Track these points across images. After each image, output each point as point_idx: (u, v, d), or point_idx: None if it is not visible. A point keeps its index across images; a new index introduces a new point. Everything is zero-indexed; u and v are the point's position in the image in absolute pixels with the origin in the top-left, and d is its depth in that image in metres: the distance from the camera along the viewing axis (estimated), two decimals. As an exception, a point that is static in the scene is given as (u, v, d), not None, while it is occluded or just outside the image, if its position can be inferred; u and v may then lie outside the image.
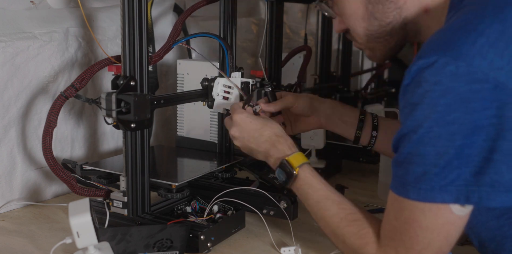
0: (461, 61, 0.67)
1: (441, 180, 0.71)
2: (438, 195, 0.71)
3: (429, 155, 0.71)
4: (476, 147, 0.69)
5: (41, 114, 1.30)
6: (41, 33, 1.29)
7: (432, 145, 0.70)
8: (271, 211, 1.16)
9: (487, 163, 0.69)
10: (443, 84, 0.68)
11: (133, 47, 1.05)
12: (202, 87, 1.23)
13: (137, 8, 1.03)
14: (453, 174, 0.70)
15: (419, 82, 0.70)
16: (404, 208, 0.76)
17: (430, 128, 0.70)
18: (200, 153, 1.42)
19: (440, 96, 0.69)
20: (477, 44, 0.68)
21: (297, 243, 1.07)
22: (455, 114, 0.68)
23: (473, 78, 0.67)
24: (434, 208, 0.73)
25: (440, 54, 0.69)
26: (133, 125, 1.04)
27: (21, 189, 1.29)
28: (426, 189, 0.72)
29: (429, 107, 0.70)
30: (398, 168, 0.76)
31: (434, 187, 0.71)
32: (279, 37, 1.51)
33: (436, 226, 0.74)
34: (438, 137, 0.70)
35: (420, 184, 0.72)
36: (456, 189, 0.71)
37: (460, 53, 0.68)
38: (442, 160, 0.70)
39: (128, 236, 1.01)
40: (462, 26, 0.72)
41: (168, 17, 1.65)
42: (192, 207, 1.20)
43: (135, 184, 1.09)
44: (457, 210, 0.73)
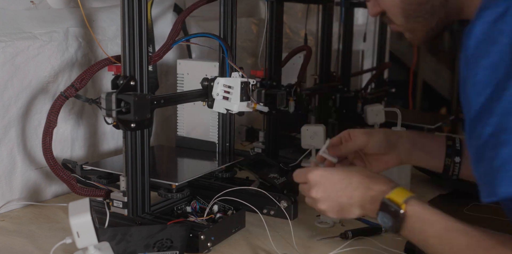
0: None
1: None
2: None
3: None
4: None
5: (41, 114, 1.30)
6: (41, 33, 1.29)
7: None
8: (271, 211, 1.16)
9: None
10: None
11: (133, 47, 1.05)
12: (202, 87, 1.23)
13: (137, 8, 1.03)
14: None
15: (492, 38, 0.60)
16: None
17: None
18: (200, 153, 1.42)
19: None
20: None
21: None
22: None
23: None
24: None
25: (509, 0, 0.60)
26: (133, 125, 1.04)
27: (21, 189, 1.29)
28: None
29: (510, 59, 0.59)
30: (477, 166, 0.64)
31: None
32: (279, 37, 1.51)
33: None
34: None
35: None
36: None
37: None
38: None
39: (128, 236, 1.01)
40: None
41: (168, 17, 1.65)
42: (192, 207, 1.20)
43: (135, 184, 1.09)
44: None
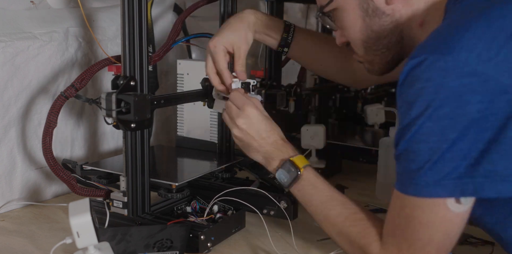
0: (449, 56, 0.69)
1: (435, 174, 0.72)
2: (433, 189, 0.72)
3: (422, 150, 0.72)
4: (468, 139, 0.70)
5: (41, 114, 1.30)
6: (41, 33, 1.29)
7: (425, 141, 0.72)
8: (271, 211, 1.16)
9: (480, 154, 0.70)
10: (434, 80, 0.69)
11: (133, 47, 1.05)
12: (202, 87, 1.23)
13: (137, 8, 1.03)
14: (446, 168, 0.71)
15: (411, 82, 0.72)
16: (404, 205, 0.76)
17: (423, 123, 0.71)
18: (200, 153, 1.42)
19: (433, 92, 0.70)
20: (463, 39, 0.69)
21: None
22: (447, 109, 0.69)
23: (462, 72, 0.68)
24: (431, 203, 0.74)
25: (428, 52, 0.71)
26: (133, 125, 1.04)
27: (21, 189, 1.29)
28: (421, 185, 0.73)
29: (423, 104, 0.71)
30: (397, 165, 0.77)
31: (429, 182, 0.72)
32: (279, 37, 1.51)
33: (434, 222, 0.75)
34: (431, 133, 0.71)
35: (416, 179, 0.73)
36: (451, 183, 0.71)
37: (447, 49, 0.69)
38: (435, 155, 0.71)
39: (128, 236, 1.01)
40: (449, 25, 0.75)
41: (168, 17, 1.65)
42: (192, 207, 1.20)
43: (135, 184, 1.09)
44: (454, 207, 0.73)
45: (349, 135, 1.93)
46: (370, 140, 1.86)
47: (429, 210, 0.74)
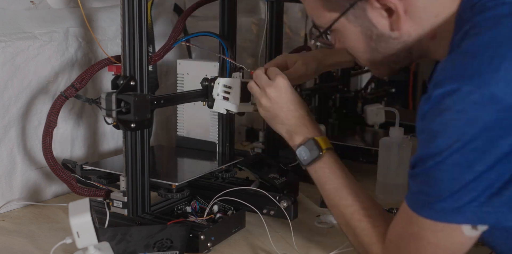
0: (486, 89, 0.65)
1: (455, 202, 0.69)
2: (450, 216, 0.70)
3: (445, 180, 0.70)
4: (495, 171, 0.67)
5: (41, 114, 1.30)
6: (41, 33, 1.29)
7: (448, 172, 0.69)
8: (271, 211, 1.16)
9: (505, 184, 0.68)
10: (468, 113, 0.66)
11: (133, 47, 1.05)
12: (202, 87, 1.23)
13: (137, 8, 1.03)
14: (467, 197, 0.69)
15: (440, 110, 0.68)
16: (414, 223, 0.74)
17: (451, 155, 0.68)
18: (200, 153, 1.42)
19: (465, 125, 0.67)
20: (501, 70, 0.66)
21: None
22: (477, 143, 0.67)
23: (499, 107, 0.65)
24: (445, 228, 0.72)
25: (462, 82, 0.67)
26: (133, 125, 1.04)
27: (21, 189, 1.29)
28: (438, 210, 0.71)
29: (453, 136, 0.68)
30: (412, 183, 0.74)
31: (446, 208, 0.70)
32: (279, 37, 1.51)
33: (444, 244, 0.73)
34: (456, 164, 0.68)
35: (433, 204, 0.71)
36: (471, 211, 0.69)
37: (484, 81, 0.66)
38: (458, 185, 0.69)
39: (128, 236, 1.01)
40: (481, 50, 0.69)
41: (168, 17, 1.65)
42: (192, 207, 1.20)
43: (135, 184, 1.09)
44: (468, 232, 0.71)
45: (349, 135, 1.93)
46: (370, 140, 1.86)
47: (441, 234, 0.72)
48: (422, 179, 0.72)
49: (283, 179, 1.28)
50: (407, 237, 0.76)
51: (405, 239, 0.77)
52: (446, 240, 0.73)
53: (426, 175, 0.72)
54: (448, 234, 0.72)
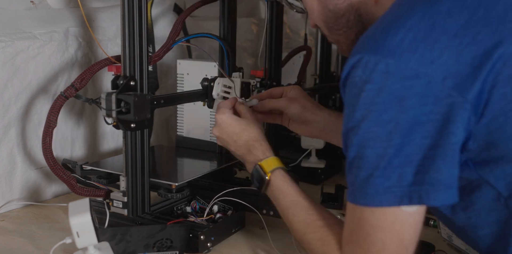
0: (390, 58, 0.67)
1: (384, 181, 0.69)
2: (383, 197, 0.70)
3: (370, 157, 0.70)
4: (415, 144, 0.68)
5: (41, 114, 1.30)
6: (41, 33, 1.29)
7: (372, 147, 0.69)
8: (271, 211, 1.16)
9: (427, 160, 0.68)
10: (375, 82, 0.68)
11: (133, 47, 1.05)
12: (202, 87, 1.23)
13: (137, 8, 1.03)
14: (395, 174, 0.69)
15: (353, 82, 0.70)
16: (356, 215, 0.75)
17: (368, 128, 0.69)
18: (200, 153, 1.42)
19: (374, 95, 0.68)
20: (406, 40, 0.67)
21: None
22: (391, 113, 0.68)
23: (404, 75, 0.66)
24: (382, 209, 0.72)
25: (369, 53, 0.69)
26: (133, 125, 1.04)
27: (21, 189, 1.29)
28: (371, 194, 0.71)
29: (365, 107, 0.69)
30: (348, 174, 0.75)
31: (379, 190, 0.70)
32: (279, 37, 1.51)
33: (386, 224, 0.72)
34: (377, 138, 0.69)
35: (366, 188, 0.71)
36: (400, 190, 0.69)
37: (389, 50, 0.67)
38: (382, 161, 0.69)
39: (128, 236, 1.01)
40: (392, 22, 0.71)
41: (168, 17, 1.65)
42: (192, 207, 1.20)
43: (135, 184, 1.09)
44: (405, 207, 0.71)
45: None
46: (370, 140, 1.86)
47: (380, 213, 0.72)
48: (353, 163, 0.72)
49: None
50: (355, 231, 0.76)
51: (353, 231, 0.76)
52: (386, 218, 0.72)
53: (354, 157, 0.72)
54: (386, 212, 0.72)
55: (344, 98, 0.73)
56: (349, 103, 0.72)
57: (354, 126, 0.71)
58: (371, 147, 0.70)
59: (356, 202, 0.74)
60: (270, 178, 0.94)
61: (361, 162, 0.71)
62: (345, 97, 0.73)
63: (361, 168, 0.71)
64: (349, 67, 0.71)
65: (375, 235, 0.73)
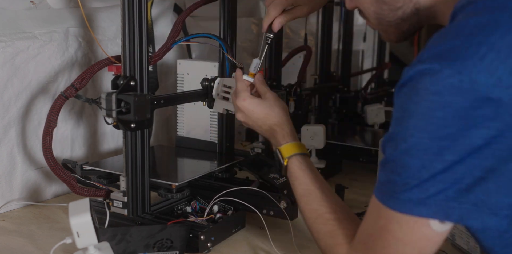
0: (466, 75, 0.63)
1: (421, 192, 0.68)
2: (415, 208, 0.69)
3: (413, 167, 0.68)
4: (466, 165, 0.65)
5: (41, 114, 1.30)
6: (41, 33, 1.29)
7: (418, 158, 0.67)
8: (271, 211, 1.16)
9: (477, 181, 0.66)
10: (443, 96, 0.64)
11: (133, 47, 1.05)
12: (202, 87, 1.23)
13: (137, 8, 1.03)
14: (434, 188, 0.67)
15: (416, 89, 0.67)
16: (381, 216, 0.73)
17: (421, 139, 0.67)
18: (200, 153, 1.42)
19: (437, 108, 0.65)
20: (486, 59, 0.63)
21: None
22: (450, 130, 0.65)
23: (476, 96, 0.63)
24: (411, 221, 0.70)
25: (444, 64, 0.65)
26: (133, 125, 1.04)
27: (21, 189, 1.29)
28: (404, 200, 0.69)
29: (423, 118, 0.66)
30: (382, 173, 0.73)
31: (413, 199, 0.68)
32: (279, 37, 1.51)
33: (410, 239, 0.71)
34: (426, 150, 0.67)
35: (399, 194, 0.69)
36: (436, 204, 0.67)
37: (466, 67, 0.63)
38: (426, 173, 0.67)
39: (128, 236, 1.01)
40: (472, 34, 0.66)
41: (168, 17, 1.65)
42: (192, 207, 1.20)
43: (135, 184, 1.09)
44: (436, 226, 0.70)
45: (349, 135, 1.93)
46: (370, 140, 1.86)
47: (407, 227, 0.70)
48: (391, 166, 0.71)
49: (283, 179, 1.28)
50: (375, 233, 0.74)
51: (372, 236, 0.75)
52: (413, 234, 0.70)
53: (395, 161, 0.70)
54: (415, 228, 0.70)
55: (397, 99, 0.70)
56: (403, 108, 0.69)
57: (405, 132, 0.68)
58: (417, 157, 0.67)
59: (384, 203, 0.72)
60: (287, 164, 0.96)
61: (400, 168, 0.69)
62: (398, 99, 0.70)
63: (398, 174, 0.70)
64: (415, 72, 0.67)
65: (396, 247, 0.72)
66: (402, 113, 0.69)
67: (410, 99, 0.68)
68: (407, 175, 0.69)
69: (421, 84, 0.66)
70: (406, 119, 0.68)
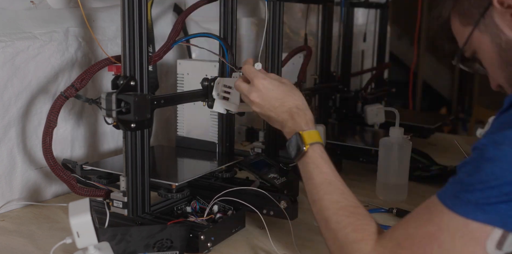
0: None
1: (483, 199, 0.67)
2: (472, 211, 0.68)
3: (487, 171, 0.68)
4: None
5: (41, 114, 1.30)
6: (41, 33, 1.29)
7: (496, 166, 0.68)
8: (271, 211, 1.16)
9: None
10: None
11: (133, 47, 1.05)
12: (202, 87, 1.23)
13: (137, 8, 1.03)
14: (497, 199, 0.67)
15: None
16: (434, 221, 0.71)
17: (502, 145, 0.68)
18: (200, 153, 1.42)
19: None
20: None
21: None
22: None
23: None
24: (467, 232, 0.68)
25: None
26: (133, 125, 1.04)
27: (21, 189, 1.29)
28: (464, 201, 0.68)
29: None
30: (456, 174, 0.73)
31: (472, 201, 0.68)
32: (279, 37, 1.51)
33: (457, 253, 0.69)
34: (503, 157, 0.67)
35: (461, 193, 0.69)
36: (495, 211, 0.67)
37: None
38: (494, 181, 0.67)
39: (128, 236, 1.01)
40: None
41: (168, 17, 1.65)
42: (192, 207, 1.20)
43: (135, 184, 1.09)
44: (491, 249, 0.68)
45: (349, 135, 1.93)
46: (370, 140, 1.86)
47: (461, 239, 0.68)
48: (468, 169, 0.70)
49: (283, 179, 1.28)
50: (418, 237, 0.72)
51: (413, 239, 0.73)
52: (462, 249, 0.68)
53: (475, 163, 0.70)
54: (468, 241, 0.68)
55: (500, 117, 0.72)
56: (506, 122, 0.70)
57: (497, 142, 0.68)
58: (495, 166, 0.68)
59: (442, 200, 0.71)
60: (307, 150, 0.93)
61: (475, 171, 0.69)
62: (500, 118, 0.72)
63: (470, 175, 0.69)
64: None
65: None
66: (503, 126, 0.70)
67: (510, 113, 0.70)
68: (476, 178, 0.68)
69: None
70: (503, 131, 0.69)
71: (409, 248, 0.73)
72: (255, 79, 1.02)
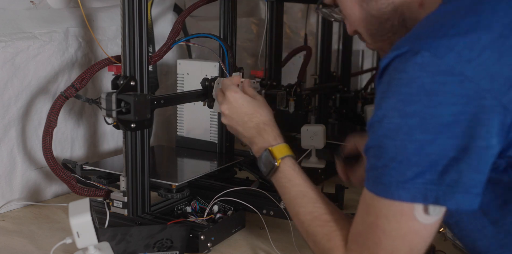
0: (426, 51, 0.65)
1: (399, 175, 0.67)
2: (395, 191, 0.68)
3: (389, 147, 0.68)
4: (438, 144, 0.65)
5: (41, 114, 1.30)
6: (41, 33, 1.29)
7: (392, 138, 0.67)
8: (271, 211, 1.16)
9: (449, 161, 0.65)
10: (407, 72, 0.66)
11: (133, 47, 1.05)
12: (202, 87, 1.23)
13: (137, 8, 1.03)
14: (411, 172, 0.67)
15: (388, 71, 0.69)
16: (369, 211, 0.72)
17: (392, 118, 0.67)
18: (200, 153, 1.42)
19: (402, 84, 0.66)
20: (446, 36, 0.66)
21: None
22: (416, 107, 0.65)
23: (437, 70, 0.64)
24: (397, 212, 0.69)
25: (411, 45, 0.67)
26: (133, 125, 1.04)
27: (21, 189, 1.29)
28: (385, 184, 0.69)
29: (393, 96, 0.67)
30: (367, 162, 0.73)
31: (392, 182, 0.68)
32: (279, 37, 1.51)
33: (399, 233, 0.70)
34: (398, 130, 0.67)
35: (381, 178, 0.69)
36: (414, 187, 0.67)
37: (428, 44, 0.66)
38: (400, 154, 0.67)
39: (128, 236, 1.01)
40: (438, 19, 0.70)
41: (168, 17, 1.65)
42: (192, 207, 1.20)
43: (135, 184, 1.09)
44: (421, 218, 0.69)
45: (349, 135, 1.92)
46: (370, 140, 1.86)
47: (394, 219, 0.70)
48: (373, 151, 0.71)
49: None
50: (365, 230, 0.74)
51: (363, 233, 0.74)
52: (400, 228, 0.70)
53: (374, 145, 0.70)
54: (401, 221, 0.69)
55: (378, 88, 0.71)
56: (379, 91, 0.70)
57: (381, 115, 0.69)
58: (391, 138, 0.67)
59: (369, 189, 0.72)
60: (279, 165, 0.92)
61: (379, 151, 0.69)
62: (378, 87, 0.71)
63: (378, 157, 0.69)
64: (389, 59, 0.69)
65: (386, 242, 0.72)
66: (378, 98, 0.70)
67: (383, 82, 0.70)
68: (385, 156, 0.68)
69: (391, 66, 0.68)
70: (380, 102, 0.69)
71: (364, 243, 0.75)
72: (227, 92, 1.02)
